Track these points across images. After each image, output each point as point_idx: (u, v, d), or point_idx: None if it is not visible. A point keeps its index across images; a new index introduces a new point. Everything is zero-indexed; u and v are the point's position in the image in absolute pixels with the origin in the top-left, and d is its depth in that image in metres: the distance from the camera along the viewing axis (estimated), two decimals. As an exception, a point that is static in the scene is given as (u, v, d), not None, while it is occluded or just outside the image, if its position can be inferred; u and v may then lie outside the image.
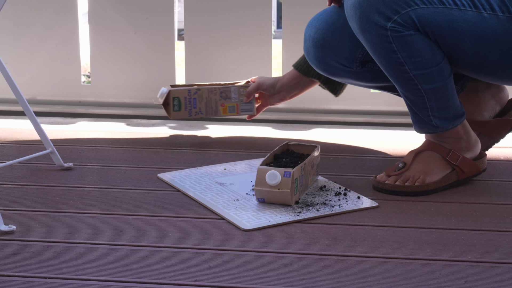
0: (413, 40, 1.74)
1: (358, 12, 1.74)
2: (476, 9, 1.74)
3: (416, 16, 1.72)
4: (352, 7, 1.76)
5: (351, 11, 1.76)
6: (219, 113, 2.31)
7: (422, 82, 1.79)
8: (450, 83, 1.83)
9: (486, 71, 1.84)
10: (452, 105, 1.85)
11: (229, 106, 2.30)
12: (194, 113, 2.29)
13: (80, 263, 1.49)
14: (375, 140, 2.33)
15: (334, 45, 1.95)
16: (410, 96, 1.83)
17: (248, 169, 2.03)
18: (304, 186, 1.82)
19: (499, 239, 1.61)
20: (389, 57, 1.77)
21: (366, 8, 1.73)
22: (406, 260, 1.51)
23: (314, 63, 2.01)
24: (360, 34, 1.78)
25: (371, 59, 1.92)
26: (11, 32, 2.73)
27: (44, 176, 2.00)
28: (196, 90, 2.27)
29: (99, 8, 2.67)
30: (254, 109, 2.32)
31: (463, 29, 1.74)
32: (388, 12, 1.72)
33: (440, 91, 1.81)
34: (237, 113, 2.31)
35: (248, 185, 1.90)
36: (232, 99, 2.29)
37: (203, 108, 2.29)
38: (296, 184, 1.75)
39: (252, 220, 1.69)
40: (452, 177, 1.89)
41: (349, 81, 2.04)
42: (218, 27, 2.64)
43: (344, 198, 1.82)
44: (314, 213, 1.73)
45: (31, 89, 2.74)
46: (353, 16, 1.76)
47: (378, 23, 1.73)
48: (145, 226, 1.67)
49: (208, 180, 1.94)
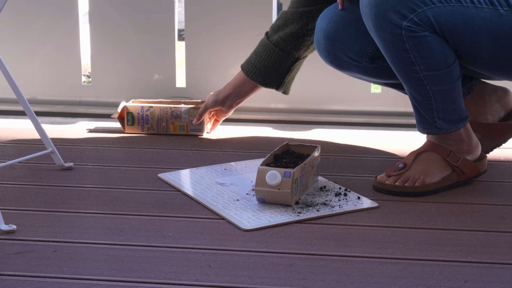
0: (427, 41, 1.74)
1: (374, 9, 1.74)
2: (492, 6, 1.73)
3: (433, 15, 1.72)
4: (368, 4, 1.75)
5: (367, 8, 1.76)
6: (170, 131, 2.40)
7: (431, 83, 1.79)
8: (458, 86, 1.83)
9: (504, 68, 1.83)
10: (458, 107, 1.86)
11: (179, 125, 2.39)
12: (147, 128, 2.40)
13: (81, 263, 1.49)
14: (375, 141, 2.33)
15: (345, 39, 1.95)
16: (417, 96, 1.83)
17: (248, 169, 2.03)
18: (304, 187, 1.82)
19: (499, 239, 1.62)
20: (401, 56, 1.76)
21: (383, 6, 1.72)
22: (406, 261, 1.51)
23: (324, 55, 2.01)
24: (374, 32, 1.78)
25: (381, 56, 1.91)
26: (12, 32, 2.73)
27: (44, 176, 2.00)
28: (148, 107, 2.39)
29: (100, 8, 2.68)
30: (203, 129, 2.38)
31: (479, 26, 1.73)
32: (405, 10, 1.71)
33: (448, 93, 1.81)
34: (186, 132, 2.40)
35: (248, 185, 1.90)
36: (182, 119, 2.39)
37: (155, 124, 2.40)
38: (296, 184, 1.75)
39: (252, 220, 1.69)
40: (452, 178, 1.89)
41: (357, 75, 2.03)
42: (218, 27, 2.65)
43: (344, 198, 1.82)
44: (314, 214, 1.73)
45: (32, 89, 2.74)
46: (369, 13, 1.75)
47: (394, 22, 1.72)
48: (145, 226, 1.67)
49: (208, 180, 1.95)
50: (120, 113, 2.40)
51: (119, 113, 2.40)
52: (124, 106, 2.40)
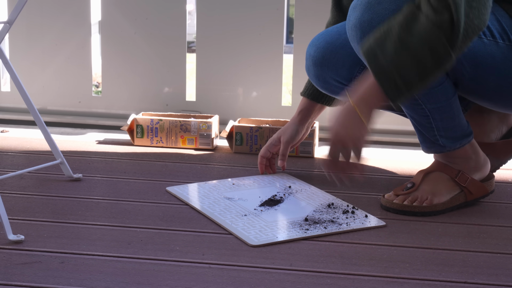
0: None
1: (359, 32, 1.74)
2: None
3: None
4: (353, 27, 1.76)
5: (352, 31, 1.77)
6: (179, 144, 2.41)
7: (426, 102, 1.79)
8: (455, 102, 1.83)
9: (484, 96, 1.84)
10: (459, 124, 1.86)
11: (189, 138, 2.40)
12: (156, 141, 2.42)
13: (88, 275, 1.49)
14: (384, 159, 2.34)
15: (333, 64, 1.96)
16: (415, 116, 1.83)
17: (256, 184, 2.04)
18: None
19: (506, 261, 1.61)
20: None
21: (367, 28, 1.73)
22: (412, 281, 1.51)
23: (315, 81, 2.02)
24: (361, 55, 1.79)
25: None
26: (24, 42, 2.74)
27: (53, 187, 2.00)
28: (158, 120, 2.40)
29: (112, 20, 2.69)
30: (212, 143, 2.38)
31: (462, 53, 1.73)
32: None
33: (445, 110, 1.81)
34: (195, 145, 2.40)
35: (256, 201, 1.90)
36: (191, 133, 2.40)
37: (164, 137, 2.41)
38: None
39: (260, 236, 1.69)
40: (460, 198, 1.89)
41: None
42: (229, 39, 2.66)
43: (352, 216, 1.83)
44: (322, 231, 1.73)
45: (42, 99, 2.76)
46: (354, 36, 1.76)
47: None
48: (153, 239, 1.68)
49: (216, 195, 1.95)
50: (129, 125, 2.41)
51: (129, 125, 2.41)
52: (134, 119, 2.41)
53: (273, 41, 2.63)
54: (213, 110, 2.68)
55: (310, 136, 2.31)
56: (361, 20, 1.72)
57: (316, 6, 2.57)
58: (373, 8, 1.71)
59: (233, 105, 2.69)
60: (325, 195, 1.96)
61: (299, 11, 2.63)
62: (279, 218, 1.82)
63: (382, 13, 1.70)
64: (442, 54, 1.60)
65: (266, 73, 2.65)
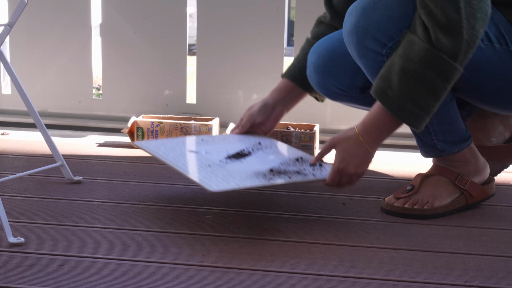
0: None
1: (355, 38, 1.75)
2: None
3: None
4: (349, 33, 1.76)
5: (349, 37, 1.77)
6: None
7: None
8: (453, 107, 1.83)
9: (482, 99, 1.84)
10: (457, 129, 1.86)
11: None
12: None
13: (88, 278, 1.49)
14: (383, 162, 2.34)
15: (334, 72, 1.96)
16: None
17: (226, 141, 2.01)
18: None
19: (506, 264, 1.61)
20: None
21: (362, 34, 1.73)
22: (413, 283, 1.51)
23: (316, 87, 2.02)
24: (359, 60, 1.79)
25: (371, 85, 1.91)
26: (25, 44, 2.75)
27: (53, 189, 2.00)
28: (158, 123, 2.41)
29: (113, 23, 2.69)
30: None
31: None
32: (384, 39, 1.72)
33: (442, 115, 1.81)
34: None
35: (222, 154, 1.89)
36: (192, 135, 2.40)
37: None
38: None
39: (221, 184, 1.68)
40: (460, 201, 1.89)
41: (351, 104, 2.04)
42: (229, 42, 2.66)
43: (319, 168, 1.82)
44: (286, 180, 1.73)
45: (43, 102, 2.76)
46: (351, 42, 1.77)
47: (375, 50, 1.73)
48: (153, 241, 1.68)
49: (183, 148, 1.94)
50: (130, 128, 2.41)
51: (129, 128, 2.41)
52: (134, 121, 2.41)
53: (273, 43, 2.63)
54: (214, 113, 2.68)
55: (310, 139, 2.31)
56: (356, 26, 1.73)
57: (317, 9, 2.56)
58: (369, 14, 1.72)
59: (233, 108, 2.69)
60: (295, 151, 1.95)
61: (300, 13, 2.63)
62: (244, 169, 1.80)
63: (377, 19, 1.70)
64: (446, 70, 1.63)
65: (266, 76, 2.65)
